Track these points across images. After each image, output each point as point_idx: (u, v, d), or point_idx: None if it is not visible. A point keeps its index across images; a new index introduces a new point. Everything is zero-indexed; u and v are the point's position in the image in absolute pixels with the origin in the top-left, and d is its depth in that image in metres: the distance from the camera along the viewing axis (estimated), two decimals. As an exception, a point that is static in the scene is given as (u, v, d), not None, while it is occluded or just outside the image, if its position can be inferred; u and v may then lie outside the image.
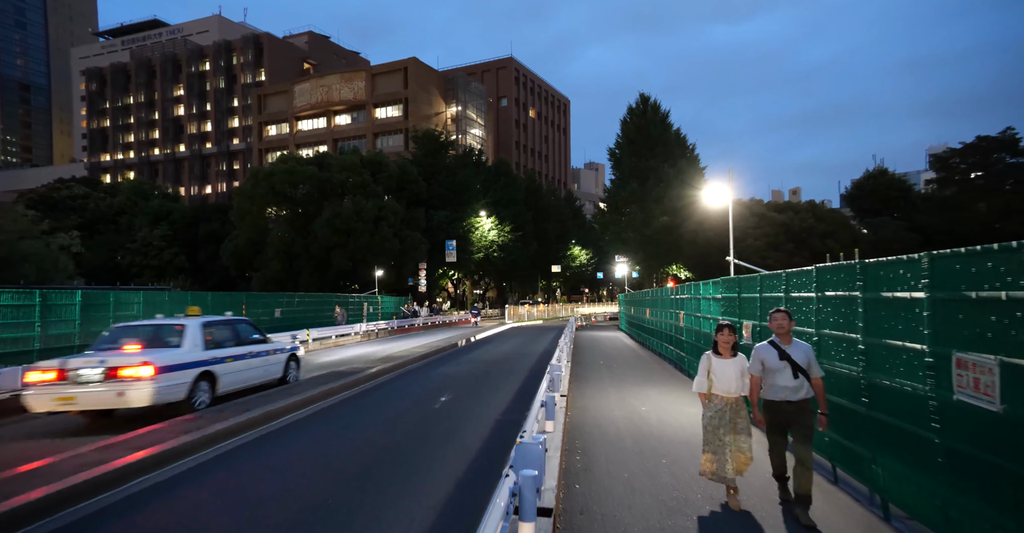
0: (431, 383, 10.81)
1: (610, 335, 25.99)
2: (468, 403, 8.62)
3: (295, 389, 9.02)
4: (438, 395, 9.26)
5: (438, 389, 9.96)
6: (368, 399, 9.05)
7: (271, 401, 7.99)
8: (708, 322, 9.63)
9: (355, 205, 35.95)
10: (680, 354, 12.46)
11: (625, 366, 13.74)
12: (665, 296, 15.02)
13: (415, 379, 11.42)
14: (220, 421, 6.70)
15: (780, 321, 4.20)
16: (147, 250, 39.96)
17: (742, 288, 7.52)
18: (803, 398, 3.98)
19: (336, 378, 10.34)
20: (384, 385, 10.63)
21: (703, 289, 10.08)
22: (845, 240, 29.47)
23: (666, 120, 38.02)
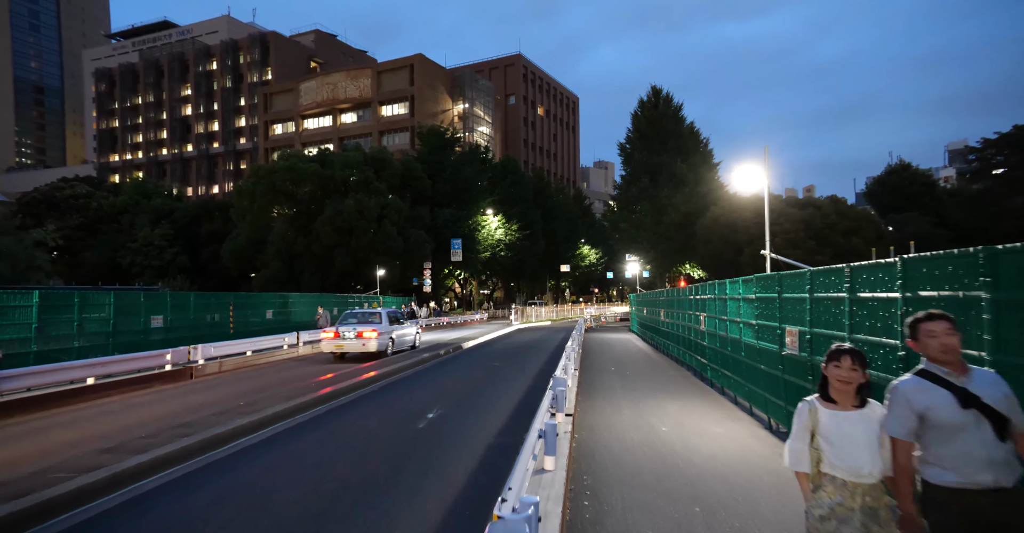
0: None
1: (621, 337, 24.71)
2: (461, 420, 7.46)
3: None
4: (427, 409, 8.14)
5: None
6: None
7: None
8: (736, 326, 8.38)
9: (357, 203, 34.98)
10: (701, 361, 11.19)
11: (639, 373, 12.50)
12: (683, 296, 13.75)
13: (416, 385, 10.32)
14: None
15: (944, 336, 2.26)
16: (148, 250, 39.32)
17: (784, 287, 6.28)
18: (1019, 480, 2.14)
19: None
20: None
21: (730, 288, 8.83)
22: (870, 237, 27.92)
23: (679, 113, 36.57)
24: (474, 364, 14.08)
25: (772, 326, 6.63)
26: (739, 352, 8.20)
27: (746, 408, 8.20)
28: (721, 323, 9.41)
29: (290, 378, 10.89)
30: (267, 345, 14.32)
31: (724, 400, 9.12)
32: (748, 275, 9.65)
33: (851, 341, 4.57)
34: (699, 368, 11.63)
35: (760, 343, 7.10)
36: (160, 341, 12.84)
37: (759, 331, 7.15)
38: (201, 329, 14.86)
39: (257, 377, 11.19)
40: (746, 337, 7.81)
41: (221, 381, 10.62)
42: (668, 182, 34.33)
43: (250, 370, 12.33)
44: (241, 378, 11.09)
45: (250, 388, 9.70)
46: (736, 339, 8.37)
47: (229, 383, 10.43)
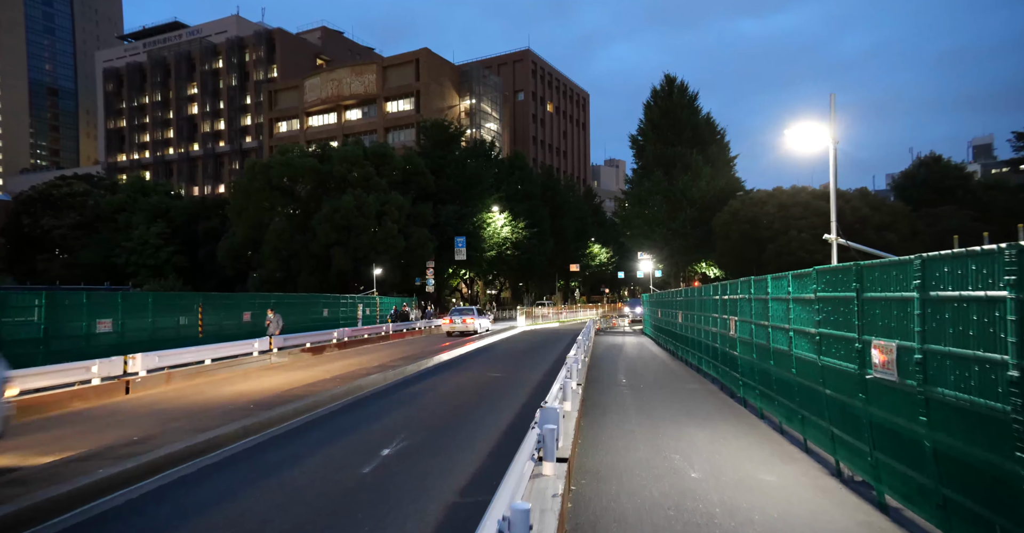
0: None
1: (633, 341, 22.83)
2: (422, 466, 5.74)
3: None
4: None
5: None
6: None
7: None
8: (783, 335, 6.53)
9: (356, 199, 33.45)
10: (732, 374, 9.32)
11: (655, 387, 10.66)
12: (705, 296, 11.88)
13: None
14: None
15: None
16: (143, 249, 38.20)
17: (867, 282, 4.44)
18: None
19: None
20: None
21: (773, 286, 6.98)
22: (904, 232, 25.70)
23: (694, 103, 34.49)
24: (457, 378, 12.34)
25: (846, 337, 4.78)
26: (787, 368, 6.36)
27: (797, 441, 6.35)
28: (760, 330, 7.55)
29: (233, 396, 9.21)
30: (232, 352, 12.64)
31: (765, 426, 7.27)
32: (776, 273, 7.81)
33: (1019, 369, 2.76)
34: (728, 382, 9.76)
35: (824, 359, 5.26)
36: (108, 348, 11.28)
37: (822, 343, 5.30)
38: (163, 334, 13.30)
39: (201, 394, 9.54)
40: (800, 350, 5.97)
41: (157, 400, 8.99)
42: (683, 175, 32.27)
43: (205, 383, 10.68)
44: (183, 395, 9.44)
45: (183, 411, 8.04)
46: (783, 351, 6.52)
47: (161, 403, 8.77)
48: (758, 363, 7.69)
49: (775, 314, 6.87)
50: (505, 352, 17.36)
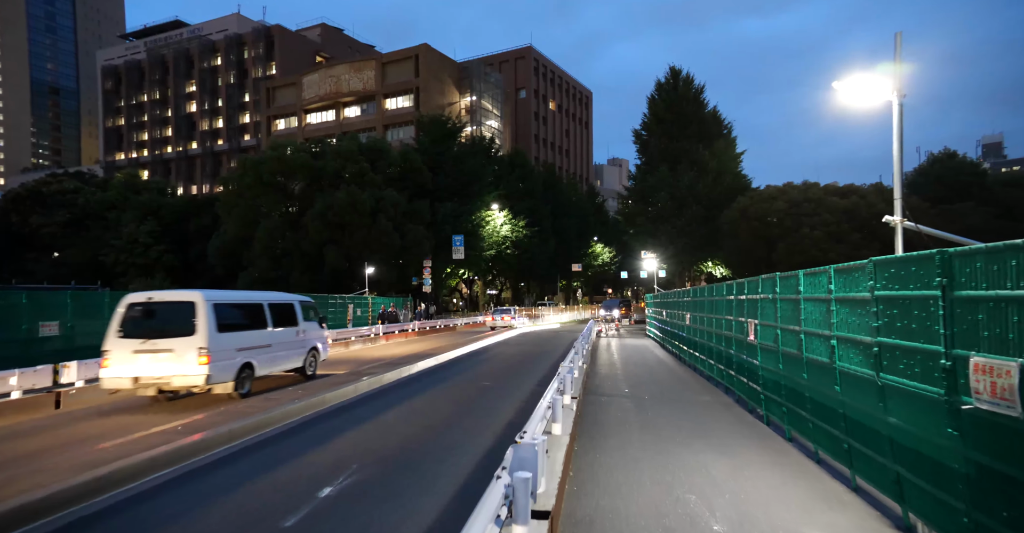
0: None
1: (636, 343, 21.60)
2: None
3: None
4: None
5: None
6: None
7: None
8: (823, 343, 5.31)
9: (349, 196, 32.32)
10: (751, 387, 8.10)
11: (661, 400, 9.44)
12: (717, 296, 10.66)
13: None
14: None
15: None
16: (132, 247, 37.17)
17: (957, 276, 3.24)
18: None
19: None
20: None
21: (807, 283, 5.76)
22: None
23: (700, 96, 33.19)
24: (438, 388, 11.16)
25: (923, 351, 3.57)
26: (828, 385, 5.15)
27: (842, 476, 5.14)
28: (789, 336, 6.33)
29: (165, 411, 8.03)
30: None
31: (796, 453, 6.05)
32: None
33: None
34: (745, 394, 8.54)
35: (885, 378, 4.05)
36: (54, 354, 10.14)
37: (883, 356, 4.09)
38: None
39: (138, 409, 8.36)
40: (847, 363, 4.76)
41: (90, 412, 7.82)
42: (689, 170, 31.01)
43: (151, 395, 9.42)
44: (119, 408, 8.27)
45: (99, 430, 6.88)
46: (821, 364, 5.31)
47: (89, 418, 7.61)
48: (786, 376, 6.47)
49: (810, 318, 5.65)
50: (482, 364, 16.17)
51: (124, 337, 8.19)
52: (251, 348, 9.23)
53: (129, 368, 8.03)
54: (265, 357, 9.61)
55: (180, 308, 8.32)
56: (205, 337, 8.09)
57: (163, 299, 8.66)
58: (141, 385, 8.06)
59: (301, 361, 10.88)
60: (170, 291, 9.42)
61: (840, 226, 23.88)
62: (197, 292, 8.54)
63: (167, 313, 8.48)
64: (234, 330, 8.87)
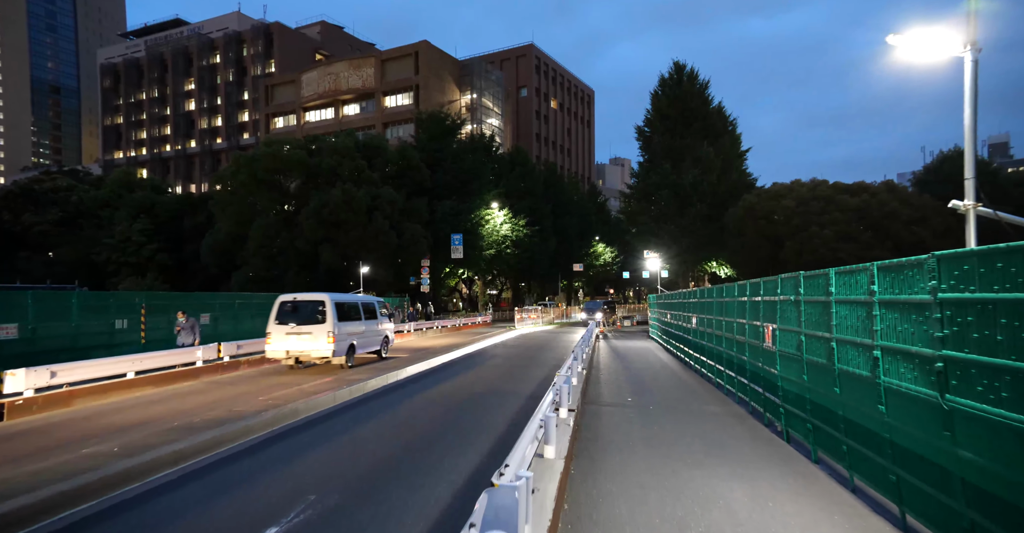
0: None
1: (639, 346, 20.82)
2: None
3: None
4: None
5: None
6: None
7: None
8: (861, 353, 4.52)
9: (345, 193, 31.58)
10: (768, 398, 7.31)
11: (667, 409, 8.65)
12: (728, 297, 9.87)
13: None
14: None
15: None
16: (125, 246, 36.47)
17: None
18: None
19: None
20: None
21: (839, 285, 4.97)
22: (937, 228, 23.53)
23: (705, 91, 32.35)
24: (424, 397, 10.39)
25: (1016, 371, 2.78)
26: (869, 403, 4.37)
27: (885, 509, 4.35)
28: (816, 344, 5.54)
29: (123, 426, 7.26)
30: (166, 362, 10.69)
31: (824, 476, 5.26)
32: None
33: None
34: (761, 405, 7.75)
35: (953, 401, 3.26)
36: (11, 359, 9.40)
37: (951, 374, 3.30)
38: (94, 340, 11.42)
39: (88, 422, 7.59)
40: (897, 379, 3.96)
41: (24, 431, 7.05)
42: (693, 168, 30.17)
43: (112, 409, 8.65)
44: (69, 422, 7.50)
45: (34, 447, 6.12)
46: (860, 378, 4.52)
47: (22, 435, 6.83)
48: (812, 388, 5.68)
49: (844, 323, 4.86)
50: (460, 376, 15.39)
51: (279, 324, 11.84)
52: (354, 334, 12.64)
53: (283, 345, 11.72)
54: (362, 341, 13.10)
55: (314, 304, 11.92)
56: (332, 325, 11.68)
57: (303, 299, 12.19)
58: (289, 356, 11.73)
59: (379, 345, 14.33)
60: (307, 293, 12.58)
61: (850, 225, 23.05)
62: (325, 294, 12.14)
63: (305, 308, 11.90)
64: (345, 321, 12.27)
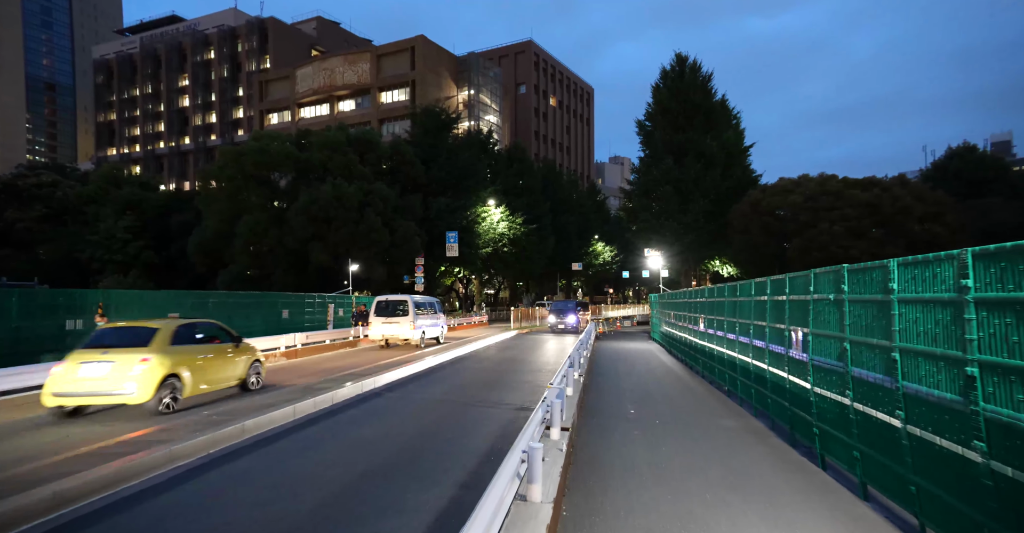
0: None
1: (640, 348, 19.76)
2: None
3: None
4: None
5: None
6: None
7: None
8: (942, 367, 3.44)
9: (335, 189, 30.51)
10: (797, 414, 6.23)
11: (676, 425, 7.58)
12: (742, 297, 8.80)
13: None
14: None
15: None
16: (110, 243, 35.36)
17: None
18: None
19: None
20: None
21: (902, 278, 3.89)
22: (952, 225, 22.50)
23: (707, 84, 31.27)
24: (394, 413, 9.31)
25: None
26: (962, 437, 3.29)
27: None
28: (870, 353, 4.46)
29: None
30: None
31: (882, 521, 4.19)
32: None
33: None
34: (785, 420, 6.67)
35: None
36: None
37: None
38: (36, 344, 10.33)
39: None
40: (1010, 409, 2.89)
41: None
42: (696, 163, 29.10)
43: (33, 420, 7.54)
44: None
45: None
46: (948, 403, 3.44)
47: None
48: (858, 410, 4.60)
49: (914, 329, 3.78)
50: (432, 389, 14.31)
51: (377, 316, 17.12)
52: (424, 324, 17.60)
53: (380, 331, 17.14)
54: (429, 329, 18.03)
55: (401, 302, 17.18)
56: (413, 317, 16.93)
57: (393, 298, 17.55)
58: (383, 338, 17.37)
59: (439, 333, 19.31)
60: (396, 294, 18.54)
61: (862, 221, 21.99)
62: (407, 295, 17.68)
63: (395, 304, 17.22)
64: (419, 315, 17.38)
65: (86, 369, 6.87)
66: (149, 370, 6.98)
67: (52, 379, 6.87)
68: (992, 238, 23.69)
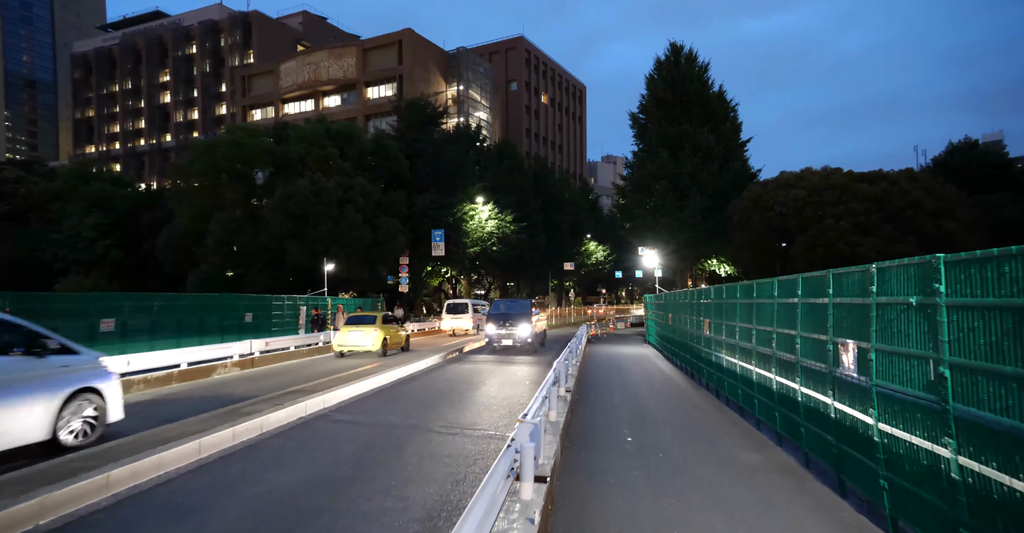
0: None
1: (636, 353, 18.30)
2: None
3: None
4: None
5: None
6: None
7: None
8: None
9: (313, 184, 28.82)
10: (852, 456, 4.71)
11: (685, 458, 6.05)
12: (761, 298, 7.31)
13: None
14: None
15: None
16: (75, 242, 33.40)
17: None
18: None
19: None
20: None
21: None
22: (964, 221, 21.26)
23: (704, 74, 29.92)
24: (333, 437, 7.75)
25: None
26: None
27: None
28: (992, 385, 2.96)
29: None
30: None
31: None
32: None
33: None
34: (833, 463, 5.16)
35: None
36: None
37: None
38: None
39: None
40: None
41: None
42: (692, 156, 27.74)
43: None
44: None
45: None
46: None
47: None
48: (971, 469, 3.10)
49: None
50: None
51: (447, 314, 26.54)
52: (477, 320, 24.44)
53: (450, 324, 26.22)
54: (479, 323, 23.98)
55: (463, 304, 26.60)
56: (471, 315, 25.92)
57: (457, 301, 26.89)
58: (452, 329, 26.34)
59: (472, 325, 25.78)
60: (459, 298, 29.63)
61: (870, 216, 20.68)
62: (467, 299, 29.31)
63: (459, 306, 26.67)
64: (474, 312, 25.73)
65: None
66: None
67: None
68: (1001, 235, 22.49)
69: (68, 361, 5.89)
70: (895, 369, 3.91)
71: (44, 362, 5.61)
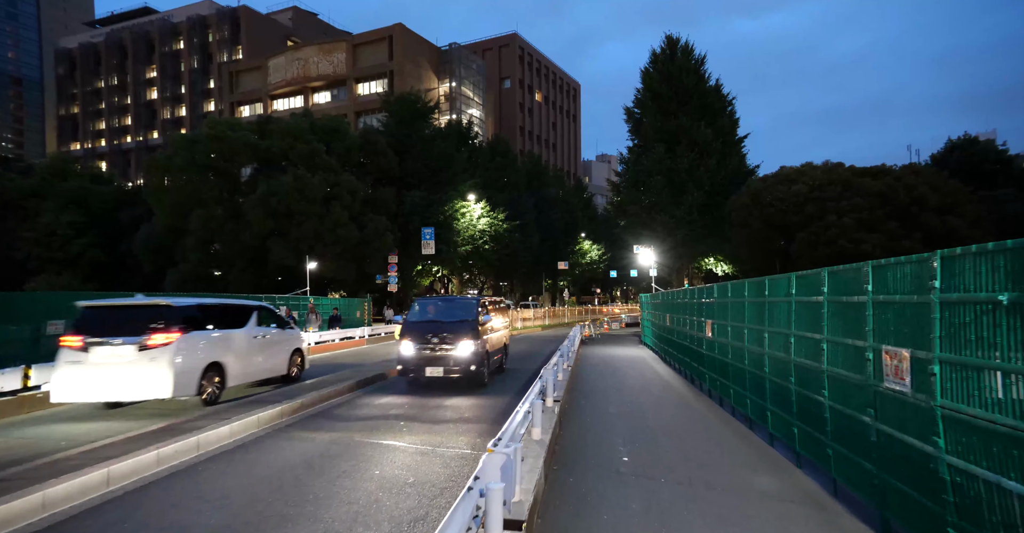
0: None
1: (631, 355, 17.42)
2: None
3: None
4: None
5: None
6: None
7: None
8: None
9: (297, 180, 27.80)
10: (909, 497, 3.78)
11: (691, 486, 5.13)
12: (775, 296, 6.41)
13: None
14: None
15: None
16: (50, 240, 32.18)
17: None
18: None
19: None
20: None
21: None
22: (970, 217, 20.54)
23: (701, 67, 29.10)
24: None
25: None
26: None
27: None
28: None
29: None
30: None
31: None
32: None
33: None
34: (870, 494, 4.25)
35: None
36: None
37: None
38: None
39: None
40: None
41: None
42: (689, 151, 26.93)
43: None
44: None
45: None
46: None
47: None
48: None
49: None
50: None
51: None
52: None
53: None
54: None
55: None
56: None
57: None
58: None
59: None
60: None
61: (874, 212, 19.91)
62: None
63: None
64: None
65: None
66: None
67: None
68: (1007, 232, 21.81)
69: (293, 333, 10.62)
70: (972, 388, 3.01)
71: (285, 333, 10.21)
